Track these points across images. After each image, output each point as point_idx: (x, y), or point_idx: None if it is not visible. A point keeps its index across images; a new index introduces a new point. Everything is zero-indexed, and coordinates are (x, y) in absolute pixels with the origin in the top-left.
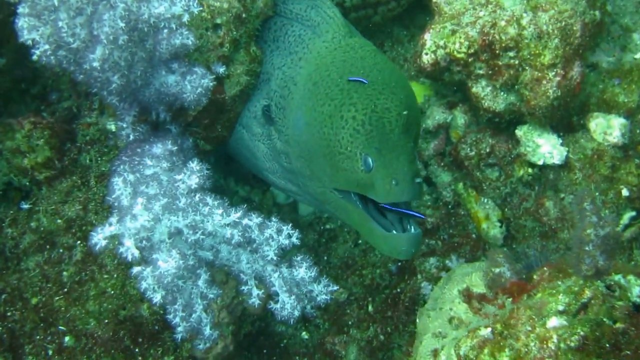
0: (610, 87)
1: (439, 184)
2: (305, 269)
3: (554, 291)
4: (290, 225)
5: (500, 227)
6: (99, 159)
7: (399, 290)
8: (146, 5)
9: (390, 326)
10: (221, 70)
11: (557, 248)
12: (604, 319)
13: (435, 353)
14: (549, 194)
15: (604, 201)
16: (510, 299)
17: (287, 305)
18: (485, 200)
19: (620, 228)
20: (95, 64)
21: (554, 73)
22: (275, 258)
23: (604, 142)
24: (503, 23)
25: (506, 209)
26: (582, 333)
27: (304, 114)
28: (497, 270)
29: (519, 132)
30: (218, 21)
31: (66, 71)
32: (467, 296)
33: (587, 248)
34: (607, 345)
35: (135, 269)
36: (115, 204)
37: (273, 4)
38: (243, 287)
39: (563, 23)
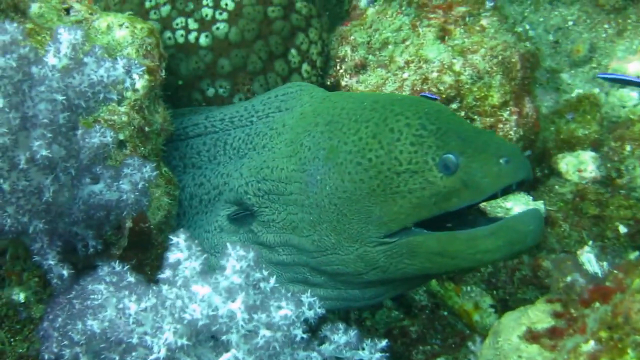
0: (564, 125)
1: None
2: (343, 333)
3: None
4: (309, 291)
5: (495, 312)
6: (13, 339)
7: None
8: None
9: None
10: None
11: None
12: None
13: None
14: (542, 254)
15: (603, 246)
16: (597, 305)
17: None
18: (469, 288)
19: None
20: (41, 154)
21: (508, 112)
22: (304, 336)
23: (581, 181)
24: (435, 74)
25: (494, 291)
26: None
27: (323, 161)
28: (569, 278)
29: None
30: (121, 137)
31: None
32: (533, 337)
33: None
34: None
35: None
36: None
37: (171, 120)
38: None
39: (500, 57)
